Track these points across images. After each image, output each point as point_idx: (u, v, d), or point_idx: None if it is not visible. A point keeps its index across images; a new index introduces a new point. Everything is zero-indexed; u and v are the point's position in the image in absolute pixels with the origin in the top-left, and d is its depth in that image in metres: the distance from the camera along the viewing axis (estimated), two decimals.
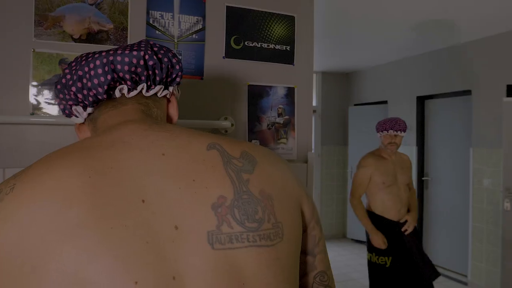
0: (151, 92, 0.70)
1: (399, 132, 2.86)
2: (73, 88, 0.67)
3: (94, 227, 0.48)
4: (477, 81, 4.07)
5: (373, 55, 4.92)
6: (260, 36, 1.41)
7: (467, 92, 4.22)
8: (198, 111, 1.33)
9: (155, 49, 0.71)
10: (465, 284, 4.17)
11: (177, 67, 0.73)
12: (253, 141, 1.39)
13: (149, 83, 0.70)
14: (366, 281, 4.32)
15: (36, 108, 1.16)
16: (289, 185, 0.63)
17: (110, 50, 0.68)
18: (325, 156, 6.05)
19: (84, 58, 0.68)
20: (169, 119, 0.76)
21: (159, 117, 0.72)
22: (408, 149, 4.90)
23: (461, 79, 4.26)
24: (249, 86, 1.40)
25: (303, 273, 0.67)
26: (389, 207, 2.89)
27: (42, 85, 1.16)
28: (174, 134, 0.60)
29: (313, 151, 2.14)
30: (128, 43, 1.20)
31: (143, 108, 0.69)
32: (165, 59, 0.71)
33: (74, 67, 0.68)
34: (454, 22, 3.52)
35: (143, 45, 0.70)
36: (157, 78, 0.70)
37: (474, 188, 4.07)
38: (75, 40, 1.19)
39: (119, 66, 0.66)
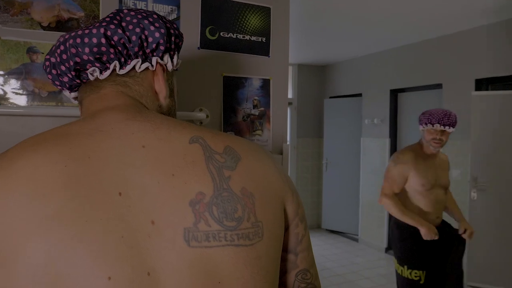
0: (127, 69, 0.64)
1: (447, 127, 2.38)
2: (50, 76, 0.66)
3: (69, 220, 0.46)
4: (448, 75, 4.19)
5: (348, 48, 4.97)
6: (236, 27, 1.40)
7: (438, 86, 4.34)
8: None
9: (128, 18, 0.64)
10: None
11: (157, 34, 0.64)
12: (228, 132, 1.39)
13: (122, 60, 0.64)
14: (340, 270, 4.42)
15: (3, 98, 1.12)
16: (273, 182, 0.61)
17: (73, 32, 0.63)
18: (300, 148, 6.11)
19: (58, 42, 0.65)
20: (156, 96, 0.68)
21: (143, 96, 0.66)
22: (381, 141, 5.01)
23: (433, 73, 4.37)
24: (224, 77, 1.39)
25: (285, 271, 0.65)
26: (426, 213, 2.44)
27: (9, 74, 1.12)
28: (156, 125, 0.57)
29: (288, 143, 2.15)
30: None
31: (122, 89, 0.64)
32: (137, 29, 0.63)
33: (53, 53, 0.65)
34: (425, 18, 3.60)
35: (108, 19, 0.64)
36: (130, 53, 0.64)
37: None
38: (44, 28, 1.15)
39: (80, 49, 0.61)
